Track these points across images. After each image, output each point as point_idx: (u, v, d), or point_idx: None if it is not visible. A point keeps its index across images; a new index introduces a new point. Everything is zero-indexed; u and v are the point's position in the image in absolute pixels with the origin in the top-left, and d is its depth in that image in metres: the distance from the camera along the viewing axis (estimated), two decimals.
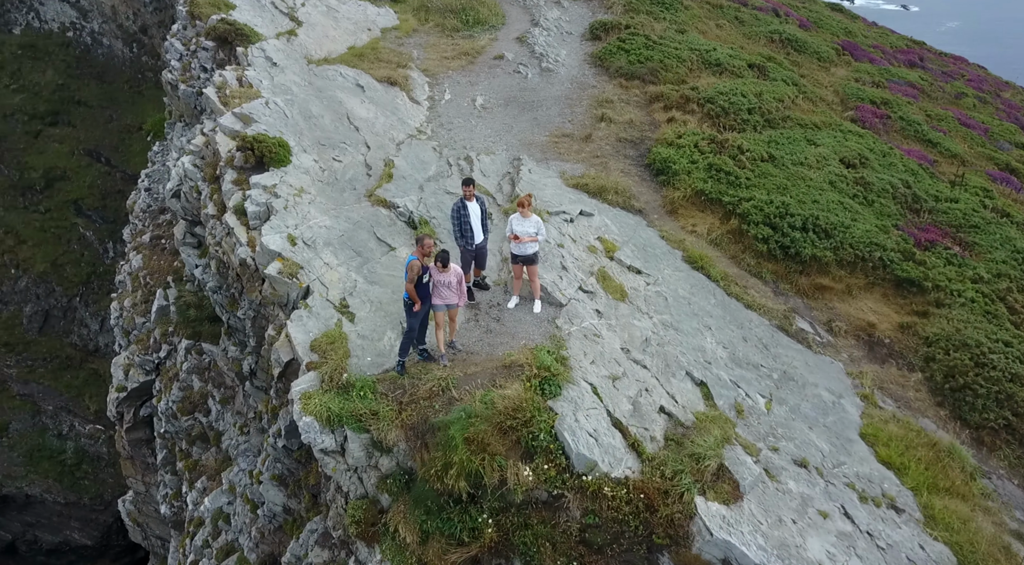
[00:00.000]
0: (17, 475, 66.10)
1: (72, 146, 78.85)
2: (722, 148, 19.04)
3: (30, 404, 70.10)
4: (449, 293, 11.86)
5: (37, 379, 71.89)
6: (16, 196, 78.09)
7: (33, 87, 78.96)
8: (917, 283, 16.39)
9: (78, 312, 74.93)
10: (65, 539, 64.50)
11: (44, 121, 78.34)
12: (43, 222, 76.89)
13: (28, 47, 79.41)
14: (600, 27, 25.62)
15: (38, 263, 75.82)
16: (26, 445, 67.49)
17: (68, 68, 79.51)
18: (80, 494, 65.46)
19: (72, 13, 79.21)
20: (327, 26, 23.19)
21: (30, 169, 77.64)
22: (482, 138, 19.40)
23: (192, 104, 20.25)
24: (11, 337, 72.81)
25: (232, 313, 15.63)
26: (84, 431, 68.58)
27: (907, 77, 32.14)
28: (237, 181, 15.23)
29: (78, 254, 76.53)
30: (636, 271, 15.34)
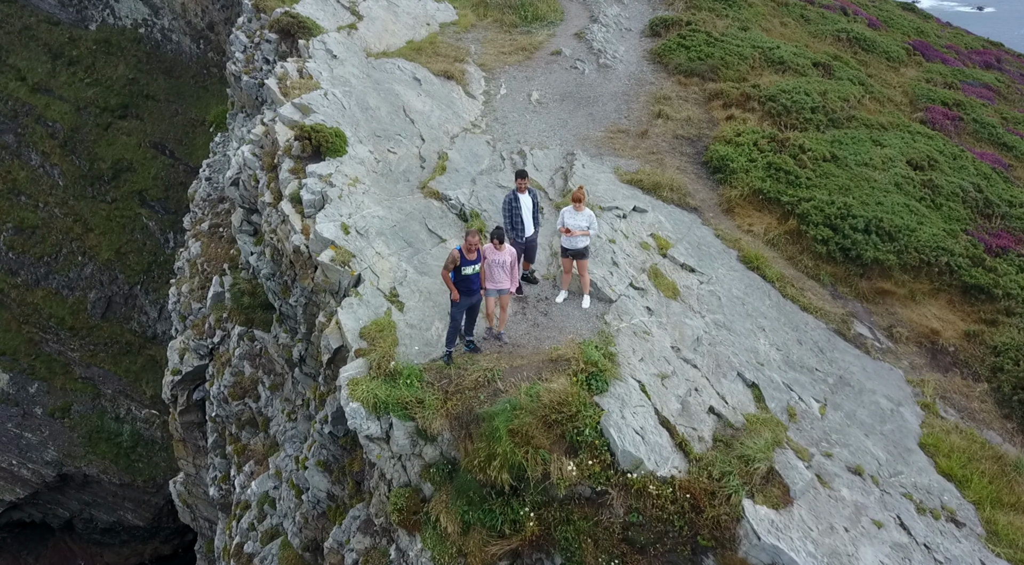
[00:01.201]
0: (77, 455, 68.71)
1: (139, 139, 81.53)
2: (782, 147, 18.55)
3: (91, 387, 72.85)
4: (503, 275, 11.77)
5: (98, 363, 74.65)
6: (85, 186, 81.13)
7: (106, 81, 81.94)
8: (986, 290, 15.69)
9: (138, 299, 77.44)
10: (119, 519, 66.84)
11: (114, 114, 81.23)
12: (109, 211, 79.68)
13: (103, 42, 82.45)
14: (660, 23, 25.26)
15: (103, 251, 78.67)
16: (86, 426, 70.13)
17: (139, 63, 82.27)
18: (134, 476, 67.71)
19: (144, 10, 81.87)
20: (387, 20, 23.38)
21: (99, 160, 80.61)
22: (536, 133, 19.29)
23: (254, 95, 20.66)
24: (76, 321, 75.72)
25: (284, 300, 15.85)
26: (140, 415, 70.90)
27: (982, 78, 30.88)
28: (294, 170, 15.44)
29: (140, 243, 79.13)
30: (689, 269, 15.04)
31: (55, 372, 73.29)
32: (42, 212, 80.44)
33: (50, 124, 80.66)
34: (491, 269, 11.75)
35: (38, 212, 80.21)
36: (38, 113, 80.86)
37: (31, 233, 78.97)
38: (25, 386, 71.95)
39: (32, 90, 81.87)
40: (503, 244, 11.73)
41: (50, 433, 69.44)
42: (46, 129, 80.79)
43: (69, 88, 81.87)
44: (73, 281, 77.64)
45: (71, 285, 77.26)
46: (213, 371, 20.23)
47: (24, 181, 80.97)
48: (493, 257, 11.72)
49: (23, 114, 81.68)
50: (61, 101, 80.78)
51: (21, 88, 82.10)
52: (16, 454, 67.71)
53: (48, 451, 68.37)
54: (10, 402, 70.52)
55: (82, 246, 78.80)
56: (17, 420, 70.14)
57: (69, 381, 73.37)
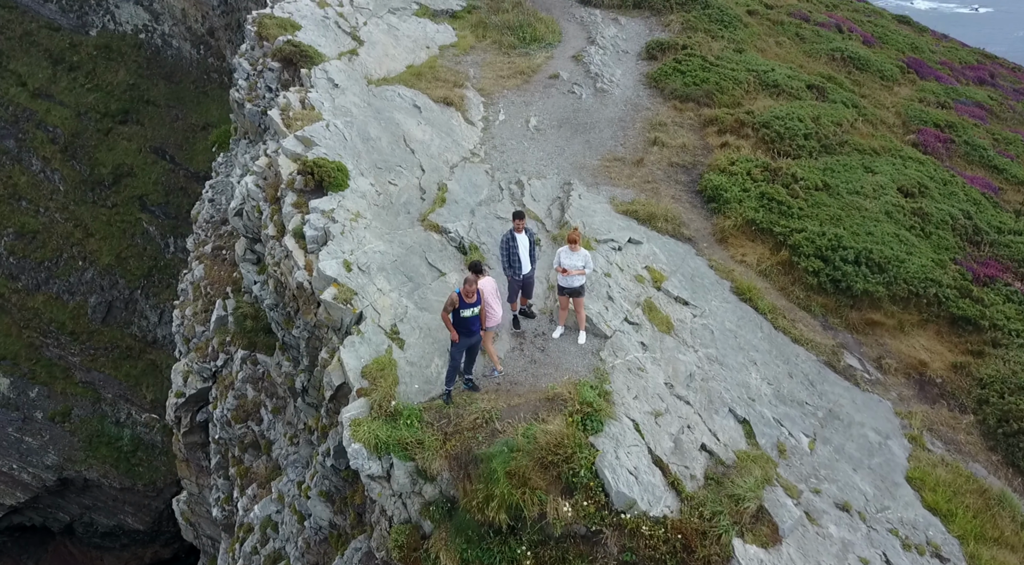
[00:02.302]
0: (77, 459, 69.12)
1: (140, 144, 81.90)
2: (775, 176, 18.91)
3: (91, 391, 73.25)
4: (497, 305, 12.29)
5: (99, 367, 75.02)
6: (86, 191, 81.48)
7: (106, 86, 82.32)
8: (973, 321, 16.06)
9: (139, 304, 77.83)
10: (119, 523, 67.22)
11: (115, 119, 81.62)
12: (110, 216, 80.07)
13: (103, 48, 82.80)
14: (656, 47, 25.60)
15: (104, 256, 79.06)
16: (86, 431, 70.52)
17: (139, 69, 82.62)
18: (135, 480, 68.13)
19: (145, 15, 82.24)
20: (387, 44, 23.71)
21: (100, 165, 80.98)
22: (534, 161, 19.64)
23: (257, 122, 21.00)
24: (76, 326, 76.09)
25: (287, 331, 16.19)
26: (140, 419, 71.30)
27: (975, 96, 31.23)
28: (297, 204, 15.78)
29: (141, 248, 79.53)
30: (683, 302, 15.39)
31: (55, 376, 73.65)
32: (43, 217, 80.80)
33: (51, 129, 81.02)
34: (489, 305, 12.15)
35: (39, 217, 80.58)
36: (39, 118, 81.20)
37: (32, 238, 79.33)
38: (26, 390, 72.32)
39: (33, 95, 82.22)
40: (481, 275, 12.33)
41: (50, 437, 69.83)
42: (47, 134, 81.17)
43: (70, 93, 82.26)
44: (74, 286, 78.01)
45: (71, 290, 77.63)
46: (216, 394, 20.57)
47: (25, 186, 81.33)
48: (486, 287, 12.20)
49: (24, 119, 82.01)
50: (62, 106, 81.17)
51: (22, 93, 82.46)
52: (16, 458, 68.07)
53: (48, 455, 68.76)
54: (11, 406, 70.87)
55: (83, 251, 79.19)
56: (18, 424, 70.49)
57: (69, 385, 73.75)
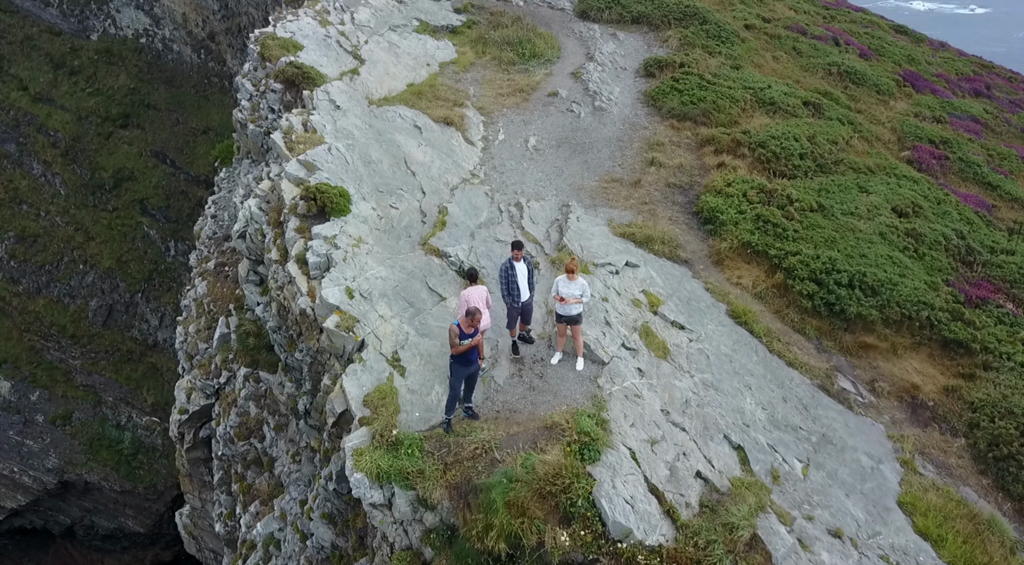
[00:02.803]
0: (78, 462, 69.49)
1: (140, 148, 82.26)
2: (771, 198, 19.18)
3: (92, 395, 73.60)
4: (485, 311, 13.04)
5: (99, 371, 75.38)
6: (87, 195, 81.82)
7: (107, 91, 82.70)
8: (964, 345, 16.32)
9: (139, 307, 78.15)
10: (120, 525, 67.58)
11: (116, 123, 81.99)
12: (111, 220, 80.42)
13: (104, 52, 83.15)
14: (654, 64, 25.86)
15: (105, 259, 79.40)
16: (87, 434, 70.86)
17: (140, 73, 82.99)
18: (135, 483, 68.49)
19: (146, 20, 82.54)
20: (388, 63, 23.97)
21: (101, 169, 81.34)
22: (533, 182, 19.89)
23: (260, 143, 21.23)
24: (77, 329, 76.43)
25: (290, 353, 16.45)
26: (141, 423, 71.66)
27: (970, 110, 31.52)
28: (300, 229, 16.03)
29: (142, 252, 79.87)
30: (679, 327, 15.65)
31: (56, 380, 74.01)
32: (44, 221, 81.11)
33: (52, 133, 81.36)
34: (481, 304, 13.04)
35: (40, 221, 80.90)
36: (40, 122, 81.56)
37: (33, 242, 79.64)
38: (27, 394, 72.64)
39: (34, 100, 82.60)
40: (475, 282, 13.46)
41: (51, 440, 70.18)
42: (48, 138, 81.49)
43: (70, 98, 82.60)
44: (74, 289, 78.32)
45: (72, 293, 77.95)
46: (219, 410, 20.83)
47: (26, 190, 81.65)
48: (477, 294, 13.11)
49: (25, 123, 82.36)
50: (63, 111, 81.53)
51: (23, 98, 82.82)
52: (17, 461, 68.40)
53: (49, 458, 69.09)
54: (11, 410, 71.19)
55: (83, 254, 79.53)
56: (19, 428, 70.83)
57: (70, 389, 74.09)
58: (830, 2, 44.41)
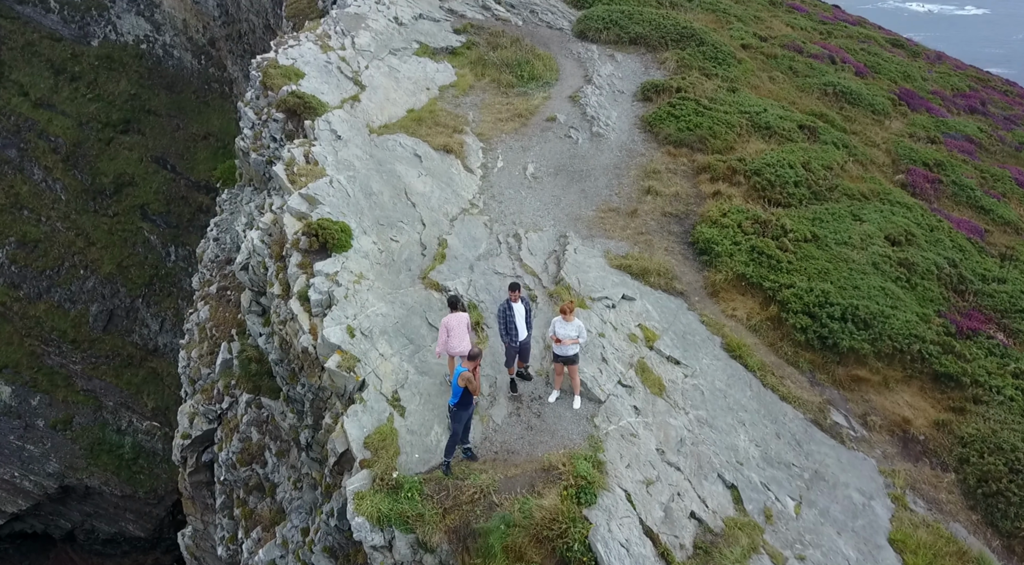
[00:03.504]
0: (79, 467, 69.85)
1: (141, 153, 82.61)
2: (765, 228, 19.45)
3: (93, 399, 73.98)
4: (466, 338, 13.78)
5: (100, 375, 75.77)
6: (87, 200, 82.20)
7: (108, 96, 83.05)
8: (955, 378, 16.59)
9: (140, 312, 78.47)
10: (120, 530, 67.97)
11: (116, 129, 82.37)
12: (111, 225, 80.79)
13: (105, 58, 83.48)
14: (651, 88, 26.13)
15: (105, 264, 79.75)
16: (88, 438, 71.24)
17: (140, 79, 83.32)
18: (136, 488, 68.88)
19: (146, 26, 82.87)
20: (388, 88, 24.24)
21: (101, 175, 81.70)
22: (531, 212, 20.16)
23: (262, 172, 21.51)
24: (78, 334, 76.80)
25: (292, 385, 16.72)
26: (142, 427, 71.99)
27: (965, 129, 31.82)
28: (302, 265, 16.31)
29: (142, 257, 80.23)
30: (675, 362, 15.93)
31: (57, 385, 74.36)
32: (44, 226, 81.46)
33: (52, 139, 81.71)
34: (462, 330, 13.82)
35: (40, 226, 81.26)
36: (40, 128, 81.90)
37: (33, 247, 79.98)
38: (27, 399, 72.98)
39: (35, 105, 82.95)
40: (456, 310, 14.17)
41: (52, 445, 70.53)
42: (48, 144, 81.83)
43: (71, 103, 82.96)
44: (75, 294, 78.66)
45: (73, 298, 78.29)
46: (222, 435, 21.09)
47: (26, 195, 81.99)
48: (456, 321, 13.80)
49: (26, 129, 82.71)
50: (63, 116, 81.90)
51: (24, 103, 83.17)
52: (18, 466, 68.76)
53: (50, 463, 69.46)
54: (12, 414, 71.54)
55: (84, 260, 79.88)
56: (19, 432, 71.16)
57: (71, 394, 74.44)
58: (827, 17, 44.68)
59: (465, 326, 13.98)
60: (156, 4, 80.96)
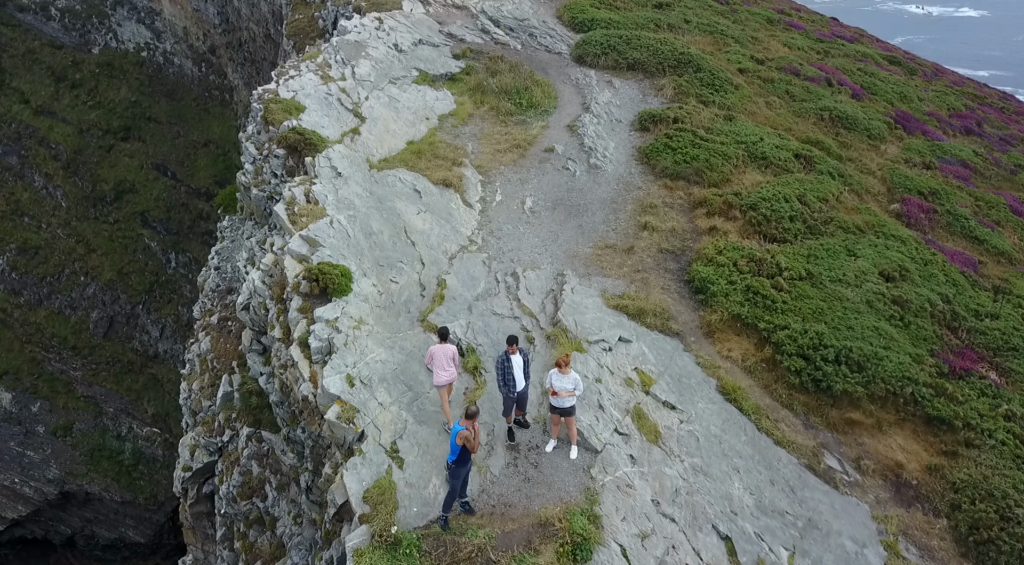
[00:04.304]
0: (79, 473, 70.20)
1: (141, 160, 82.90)
2: (760, 267, 19.65)
3: (93, 406, 74.30)
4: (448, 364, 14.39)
5: (100, 382, 76.08)
6: (88, 207, 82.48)
7: (108, 104, 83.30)
8: (948, 422, 16.80)
9: (140, 319, 78.75)
10: (120, 536, 68.34)
11: (117, 136, 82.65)
12: (112, 232, 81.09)
13: (105, 66, 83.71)
14: (648, 118, 26.31)
15: (106, 271, 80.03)
16: (88, 445, 71.57)
17: (141, 86, 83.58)
18: (136, 494, 69.23)
19: (147, 34, 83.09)
20: (388, 120, 24.43)
21: (102, 182, 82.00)
22: (529, 248, 20.36)
23: (263, 207, 21.71)
24: (78, 341, 77.12)
25: (292, 428, 16.93)
26: (142, 433, 72.32)
27: (960, 154, 32.01)
28: (302, 309, 16.52)
29: (143, 263, 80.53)
30: (670, 407, 16.14)
31: (57, 391, 74.69)
32: (45, 233, 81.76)
33: (53, 146, 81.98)
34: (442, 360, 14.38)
35: (41, 233, 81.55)
36: (41, 135, 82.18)
37: (34, 253, 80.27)
38: (28, 405, 73.29)
39: (35, 113, 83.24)
40: (446, 341, 14.81)
41: (52, 451, 70.84)
42: (49, 151, 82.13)
43: (72, 110, 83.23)
44: (75, 301, 78.95)
45: (73, 305, 78.58)
46: (222, 468, 21.30)
47: (27, 202, 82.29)
48: (441, 351, 14.39)
49: (26, 136, 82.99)
50: (64, 123, 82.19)
51: (24, 110, 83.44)
52: (18, 472, 69.07)
53: (50, 469, 69.78)
54: (12, 421, 71.85)
55: (84, 266, 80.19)
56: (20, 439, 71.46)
57: (71, 400, 74.77)
58: (825, 34, 44.87)
59: (447, 358, 14.52)
60: (157, 12, 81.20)
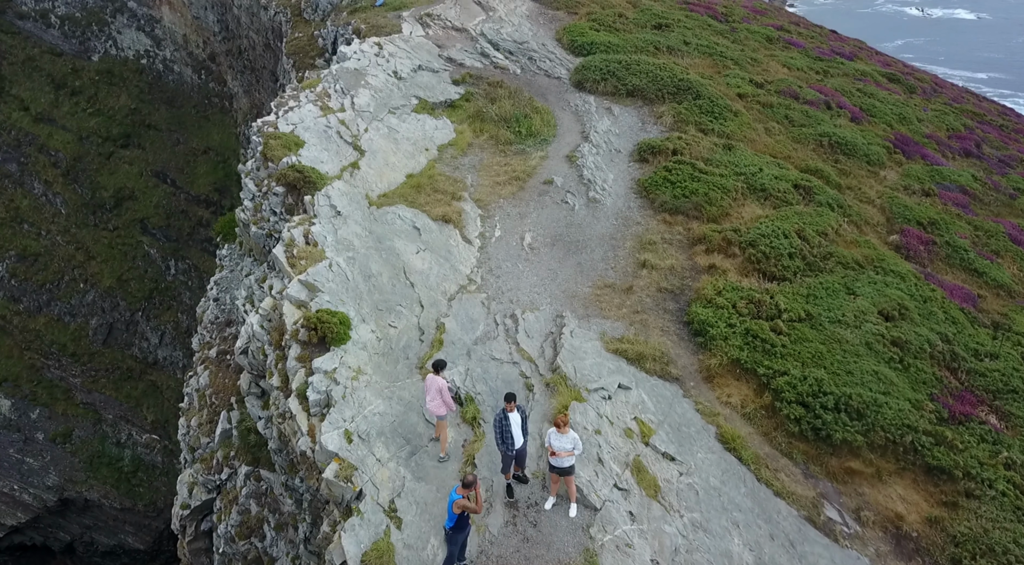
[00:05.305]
0: (78, 480, 70.33)
1: (141, 167, 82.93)
2: (760, 309, 19.63)
3: (92, 412, 74.44)
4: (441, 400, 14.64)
5: (100, 389, 76.23)
6: (88, 214, 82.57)
7: (108, 111, 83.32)
8: (948, 471, 16.77)
9: (140, 326, 78.82)
10: (120, 542, 68.50)
11: (116, 143, 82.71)
12: (111, 239, 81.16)
13: (105, 73, 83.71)
14: (647, 149, 26.28)
15: (105, 278, 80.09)
16: (87, 451, 71.71)
17: (141, 93, 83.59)
18: (135, 500, 69.38)
19: (147, 41, 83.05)
20: (388, 152, 24.40)
21: (101, 189, 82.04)
22: (528, 288, 20.34)
23: (262, 244, 21.67)
24: (78, 348, 77.22)
25: (291, 477, 16.91)
26: (141, 440, 72.42)
27: (959, 179, 31.99)
28: (301, 358, 16.49)
29: (142, 270, 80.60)
30: (670, 458, 16.11)
31: (57, 398, 74.80)
32: (44, 240, 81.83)
33: (53, 153, 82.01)
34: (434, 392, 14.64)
35: (40, 240, 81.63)
36: (41, 142, 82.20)
37: (33, 260, 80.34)
38: (27, 412, 73.39)
39: (35, 120, 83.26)
40: (440, 373, 14.91)
41: (51, 458, 70.93)
42: (49, 158, 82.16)
43: (72, 118, 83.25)
44: (75, 308, 78.99)
45: (73, 312, 78.64)
46: (221, 506, 21.27)
47: (27, 209, 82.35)
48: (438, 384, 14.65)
49: (26, 143, 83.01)
50: (64, 131, 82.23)
51: (24, 118, 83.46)
52: (18, 479, 69.17)
53: (49, 476, 69.91)
54: (12, 428, 71.94)
55: (84, 273, 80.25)
56: (19, 446, 71.56)
57: (70, 407, 74.88)
58: (824, 51, 44.83)
59: (436, 390, 14.74)
60: (156, 19, 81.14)
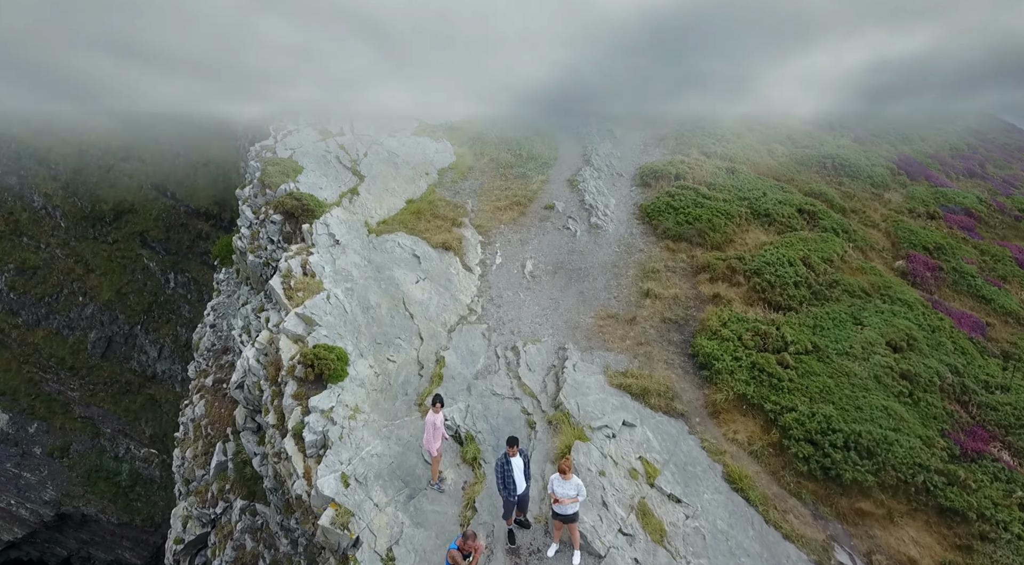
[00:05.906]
0: (76, 494, 69.68)
1: (141, 180, 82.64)
2: (766, 341, 19.24)
3: (90, 426, 73.86)
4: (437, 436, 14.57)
5: (98, 402, 75.66)
6: (87, 227, 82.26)
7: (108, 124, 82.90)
8: (961, 513, 16.34)
9: (139, 339, 78.34)
10: (117, 557, 67.77)
11: (117, 156, 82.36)
12: (110, 252, 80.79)
13: None
14: (650, 173, 25.94)
15: (104, 291, 79.66)
16: (85, 466, 71.10)
17: None
18: (133, 515, 68.73)
19: None
20: (387, 177, 24.05)
21: (101, 202, 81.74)
22: (529, 318, 19.95)
23: (259, 273, 21.27)
24: (76, 361, 76.73)
25: (286, 517, 16.47)
26: (139, 454, 71.83)
27: (964, 201, 31.66)
28: (297, 395, 16.08)
29: (141, 283, 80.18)
30: (676, 500, 15.68)
31: (55, 412, 74.20)
32: (44, 253, 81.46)
33: (52, 166, 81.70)
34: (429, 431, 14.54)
35: (40, 253, 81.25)
36: (41, 156, 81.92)
37: (32, 273, 79.90)
38: (25, 426, 72.77)
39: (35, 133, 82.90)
40: (440, 407, 14.78)
41: (49, 473, 70.28)
42: (48, 171, 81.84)
43: (72, 131, 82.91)
44: (74, 321, 78.53)
45: (72, 325, 78.16)
46: (215, 541, 20.80)
47: (26, 222, 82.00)
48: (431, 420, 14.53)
49: (26, 156, 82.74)
50: (64, 144, 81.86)
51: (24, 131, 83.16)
52: (15, 494, 68.51)
53: (47, 491, 69.23)
54: (9, 442, 71.31)
55: (83, 286, 79.83)
56: (16, 460, 70.93)
57: (68, 420, 74.27)
58: None
59: (433, 426, 14.71)
60: None
